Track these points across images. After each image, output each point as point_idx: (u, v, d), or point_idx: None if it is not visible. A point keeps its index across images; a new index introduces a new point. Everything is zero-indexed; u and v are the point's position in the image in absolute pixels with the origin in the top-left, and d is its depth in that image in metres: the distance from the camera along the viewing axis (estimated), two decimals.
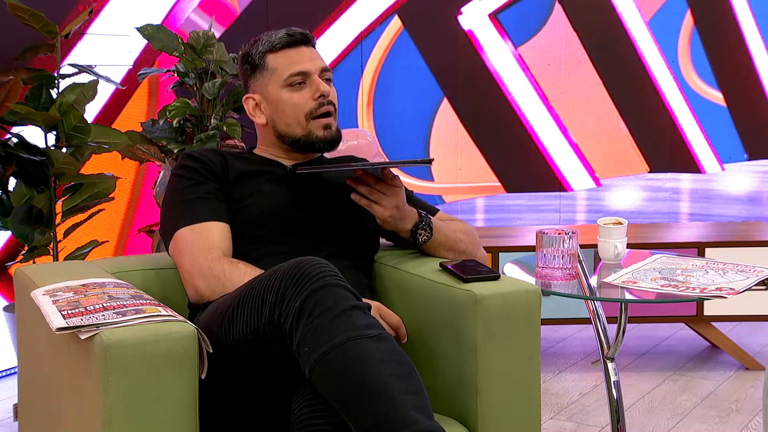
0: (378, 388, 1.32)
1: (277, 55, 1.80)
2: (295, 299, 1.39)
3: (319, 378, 1.36)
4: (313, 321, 1.36)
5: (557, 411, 2.72)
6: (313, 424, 1.38)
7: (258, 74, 1.83)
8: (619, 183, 4.53)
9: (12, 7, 2.56)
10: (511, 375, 1.61)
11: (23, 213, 2.58)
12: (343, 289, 1.42)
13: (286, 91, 1.80)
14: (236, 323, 1.47)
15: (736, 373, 3.05)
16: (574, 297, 1.98)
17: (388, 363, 1.35)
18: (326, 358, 1.34)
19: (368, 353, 1.34)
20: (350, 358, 1.33)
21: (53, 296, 1.47)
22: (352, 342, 1.35)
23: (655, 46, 4.42)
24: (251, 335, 1.45)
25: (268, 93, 1.82)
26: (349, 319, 1.37)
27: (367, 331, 1.37)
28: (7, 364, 2.99)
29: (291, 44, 1.80)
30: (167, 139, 2.83)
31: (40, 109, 2.61)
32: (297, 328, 1.38)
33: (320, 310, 1.37)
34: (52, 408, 1.58)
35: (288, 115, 1.80)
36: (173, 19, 3.44)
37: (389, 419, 1.30)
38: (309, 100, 1.79)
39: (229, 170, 1.78)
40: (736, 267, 2.01)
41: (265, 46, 1.81)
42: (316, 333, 1.36)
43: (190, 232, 1.68)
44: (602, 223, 2.17)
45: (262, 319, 1.43)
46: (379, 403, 1.31)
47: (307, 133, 1.80)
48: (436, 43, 4.27)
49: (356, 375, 1.33)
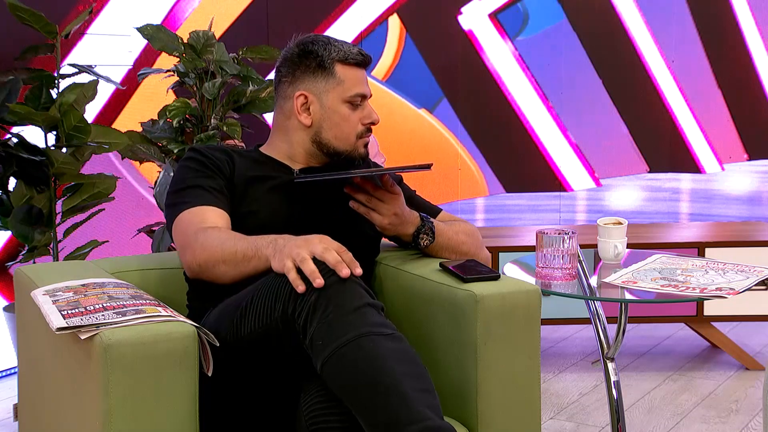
0: (390, 384, 1.33)
1: (347, 69, 1.80)
2: (309, 294, 1.40)
3: (331, 372, 1.37)
4: (328, 316, 1.38)
5: (557, 411, 2.72)
6: (323, 420, 1.38)
7: (321, 76, 1.80)
8: (619, 183, 4.53)
9: (12, 7, 2.56)
10: (511, 375, 1.61)
11: (23, 213, 2.58)
12: (358, 286, 1.44)
13: (347, 107, 1.80)
14: (248, 317, 1.48)
15: (736, 373, 3.05)
16: (574, 297, 1.98)
17: (401, 361, 1.36)
18: (340, 353, 1.36)
19: (382, 350, 1.36)
20: (364, 354, 1.35)
21: (53, 296, 1.47)
22: (366, 338, 1.36)
23: (656, 46, 4.43)
24: (263, 329, 1.46)
25: (327, 99, 1.80)
26: (364, 316, 1.39)
27: (381, 329, 1.39)
28: (7, 364, 2.99)
29: (360, 64, 1.82)
30: (167, 139, 2.83)
31: (40, 109, 2.61)
32: (311, 323, 1.39)
33: (335, 304, 1.39)
34: (52, 408, 1.58)
35: (342, 129, 1.81)
36: (173, 19, 3.44)
37: (400, 415, 1.31)
38: (359, 122, 1.81)
39: (235, 172, 1.77)
40: (736, 267, 2.01)
41: (339, 54, 1.79)
42: (331, 327, 1.37)
43: (188, 213, 1.69)
44: (602, 223, 2.17)
45: (276, 313, 1.44)
46: (390, 399, 1.32)
47: (352, 150, 1.82)
48: (436, 43, 4.27)
49: (369, 371, 1.34)
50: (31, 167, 2.58)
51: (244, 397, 1.56)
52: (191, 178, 1.74)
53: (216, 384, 1.46)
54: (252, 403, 1.56)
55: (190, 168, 1.76)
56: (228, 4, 3.66)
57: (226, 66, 2.87)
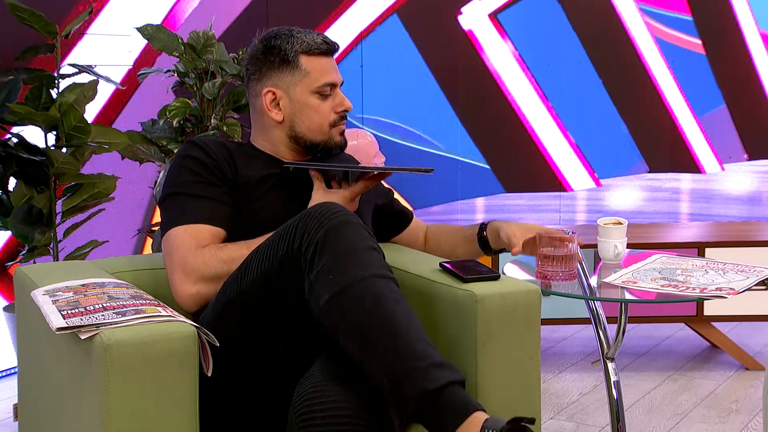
0: (396, 325, 1.40)
1: (311, 59, 1.80)
2: (318, 229, 1.45)
3: (338, 307, 1.42)
4: (338, 251, 1.44)
5: (557, 411, 2.72)
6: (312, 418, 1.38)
7: (286, 70, 1.80)
8: (619, 183, 4.53)
9: (12, 7, 2.56)
10: (511, 375, 1.61)
11: (23, 213, 2.58)
12: (363, 229, 1.49)
13: (316, 98, 1.80)
14: (252, 266, 1.52)
15: (736, 373, 3.05)
16: (574, 297, 1.98)
17: (400, 303, 1.44)
18: (350, 291, 1.41)
19: (386, 291, 1.43)
20: (372, 295, 1.41)
21: (53, 296, 1.47)
22: (374, 279, 1.43)
23: (655, 46, 4.42)
24: (264, 273, 1.50)
25: (295, 93, 1.80)
26: (371, 257, 1.46)
27: (385, 272, 1.47)
28: (7, 364, 2.99)
29: (326, 52, 1.82)
30: (167, 139, 2.83)
31: (40, 109, 2.61)
32: (320, 257, 1.44)
33: (345, 241, 1.45)
34: (52, 408, 1.58)
35: (313, 121, 1.81)
36: (173, 19, 3.44)
37: (406, 354, 1.37)
38: (332, 111, 1.82)
39: (237, 171, 1.76)
40: (736, 267, 2.01)
41: (302, 46, 1.79)
42: (343, 263, 1.43)
43: (183, 232, 1.68)
44: (602, 223, 2.17)
45: (279, 252, 1.48)
46: (398, 339, 1.38)
47: (327, 139, 1.83)
48: (436, 43, 4.27)
49: (376, 311, 1.41)
50: (31, 167, 2.58)
51: (244, 396, 1.56)
52: (193, 183, 1.72)
53: (216, 383, 1.45)
54: (251, 402, 1.56)
55: (190, 170, 1.74)
56: (228, 4, 3.66)
57: (226, 66, 2.87)
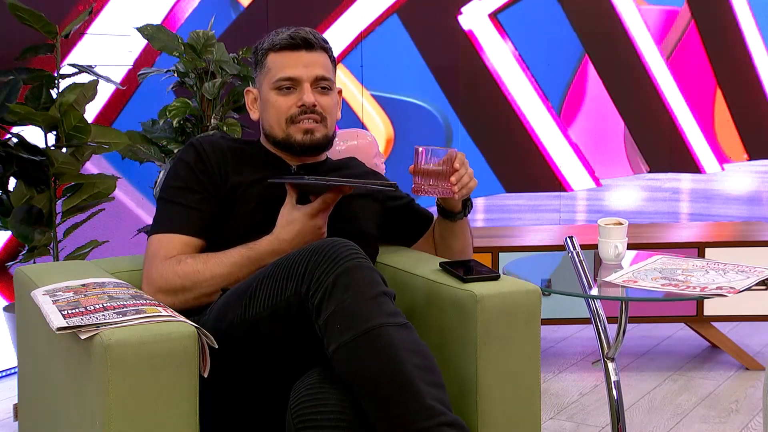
0: (405, 379, 1.35)
1: (276, 56, 1.79)
2: (327, 275, 1.41)
3: (346, 358, 1.38)
4: (347, 299, 1.39)
5: (557, 411, 2.72)
6: (310, 420, 1.38)
7: (258, 70, 1.83)
8: (619, 183, 4.53)
9: (12, 7, 2.56)
10: (511, 375, 1.61)
11: (23, 213, 2.58)
12: (375, 273, 1.46)
13: (274, 93, 1.79)
14: (258, 297, 1.49)
15: (736, 373, 3.05)
16: (574, 296, 1.98)
17: (413, 353, 1.39)
18: (357, 342, 1.37)
19: (397, 341, 1.38)
20: (381, 346, 1.37)
21: (53, 296, 1.47)
22: (384, 329, 1.38)
23: (655, 46, 4.42)
24: (271, 309, 1.47)
25: (262, 91, 1.83)
26: (381, 304, 1.41)
27: (397, 319, 1.41)
28: (7, 364, 2.99)
29: (291, 47, 1.78)
30: (167, 139, 2.83)
31: (40, 109, 2.61)
32: (328, 303, 1.40)
33: (354, 289, 1.40)
34: (52, 408, 1.58)
35: (271, 116, 1.80)
36: (173, 19, 3.44)
37: (415, 410, 1.33)
38: (293, 105, 1.78)
39: (228, 177, 1.75)
40: (737, 267, 2.01)
41: (268, 43, 1.80)
42: (349, 312, 1.39)
43: (156, 240, 1.71)
44: (602, 224, 2.17)
45: (287, 292, 1.45)
46: (404, 395, 1.34)
47: (286, 136, 1.79)
48: (436, 43, 4.27)
49: (385, 364, 1.36)
50: (31, 167, 2.58)
51: (244, 397, 1.56)
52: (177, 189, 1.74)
53: (216, 384, 1.45)
54: (251, 403, 1.56)
55: (179, 176, 1.75)
56: (228, 3, 3.65)
57: (226, 66, 2.87)
